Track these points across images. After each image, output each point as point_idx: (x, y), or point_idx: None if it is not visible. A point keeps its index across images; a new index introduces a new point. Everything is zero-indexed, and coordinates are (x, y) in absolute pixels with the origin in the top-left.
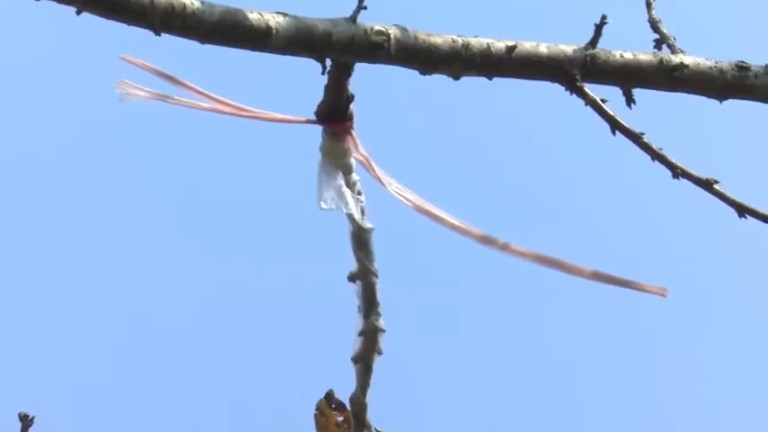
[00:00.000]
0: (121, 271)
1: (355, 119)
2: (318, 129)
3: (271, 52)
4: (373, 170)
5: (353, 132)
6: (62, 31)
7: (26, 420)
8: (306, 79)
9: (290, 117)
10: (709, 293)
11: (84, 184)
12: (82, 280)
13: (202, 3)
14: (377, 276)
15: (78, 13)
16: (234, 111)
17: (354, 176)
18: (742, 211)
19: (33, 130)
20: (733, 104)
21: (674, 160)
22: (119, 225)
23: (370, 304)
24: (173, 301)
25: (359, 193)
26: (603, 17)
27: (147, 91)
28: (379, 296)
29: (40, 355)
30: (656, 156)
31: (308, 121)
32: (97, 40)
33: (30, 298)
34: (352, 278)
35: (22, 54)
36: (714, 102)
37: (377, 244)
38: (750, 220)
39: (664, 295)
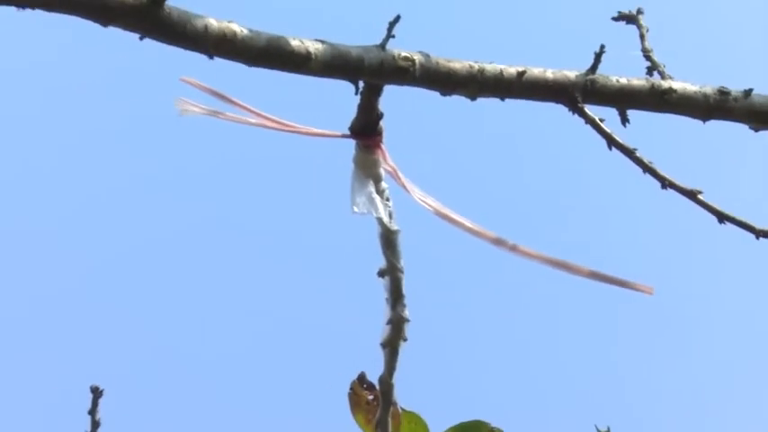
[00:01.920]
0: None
1: (384, 134)
2: (352, 142)
3: (310, 75)
4: (400, 179)
5: (382, 146)
6: (126, 53)
7: (96, 392)
8: (340, 99)
9: (328, 132)
10: (693, 292)
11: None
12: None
13: (250, 30)
14: (402, 272)
15: (141, 38)
16: (277, 125)
17: (383, 184)
18: (722, 218)
19: (106, 140)
20: (715, 124)
21: (662, 173)
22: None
23: (396, 297)
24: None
25: (387, 199)
26: (602, 47)
27: (201, 107)
28: (404, 290)
29: (110, 331)
30: (647, 169)
31: (343, 136)
32: (157, 62)
33: (104, 282)
34: (380, 274)
35: (91, 72)
36: (698, 121)
37: (402, 244)
38: (729, 225)
39: (650, 293)
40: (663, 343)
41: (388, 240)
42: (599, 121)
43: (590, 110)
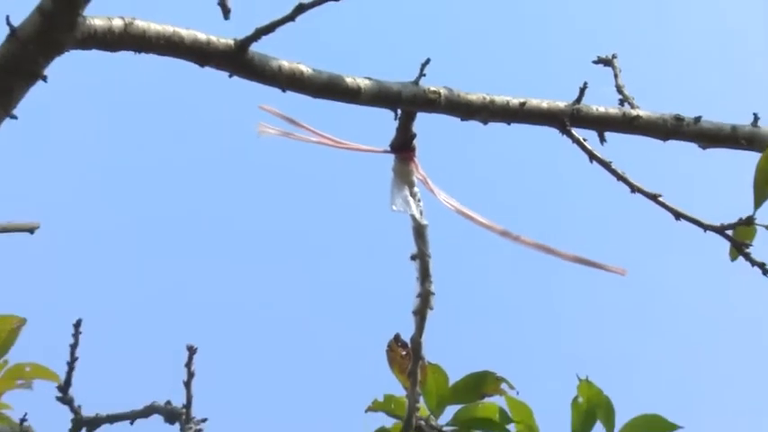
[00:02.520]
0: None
1: (417, 150)
2: (391, 156)
3: (360, 104)
4: (428, 185)
5: (415, 159)
6: (213, 86)
7: (192, 350)
8: (384, 123)
9: (374, 148)
10: (654, 274)
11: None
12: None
13: (314, 69)
14: (430, 257)
15: (230, 76)
16: (334, 143)
17: (416, 189)
18: (677, 216)
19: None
20: (673, 143)
21: (632, 180)
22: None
23: (424, 275)
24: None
25: (419, 200)
26: (585, 83)
27: (276, 129)
28: (431, 270)
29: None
30: (620, 177)
31: (385, 151)
32: (237, 93)
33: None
34: (413, 258)
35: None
36: (660, 141)
37: (430, 235)
38: (683, 222)
39: (623, 274)
40: (635, 311)
41: (419, 232)
42: (582, 141)
43: (576, 132)
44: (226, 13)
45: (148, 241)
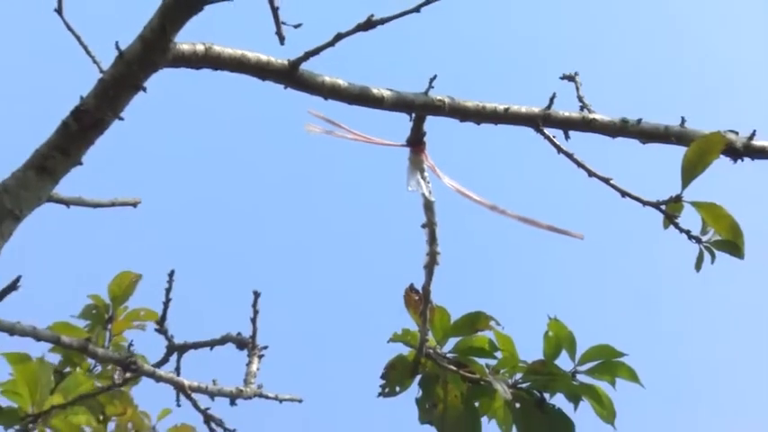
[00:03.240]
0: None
1: (427, 144)
2: (407, 149)
3: (383, 109)
4: (435, 171)
5: (426, 151)
6: (268, 97)
7: (256, 294)
8: (401, 123)
9: (394, 143)
10: (605, 243)
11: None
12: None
13: (349, 83)
14: (436, 225)
15: (285, 88)
16: (365, 139)
17: (426, 174)
18: (624, 194)
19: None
20: (620, 140)
21: (590, 167)
22: None
23: (432, 239)
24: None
25: (428, 182)
26: (554, 94)
27: (320, 128)
28: (437, 235)
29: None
30: (581, 166)
31: (402, 145)
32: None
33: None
34: (423, 226)
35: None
36: (610, 138)
37: (436, 208)
38: (628, 200)
39: (581, 238)
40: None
41: (428, 206)
42: (552, 137)
43: (546, 131)
44: (281, 39)
45: (224, 212)
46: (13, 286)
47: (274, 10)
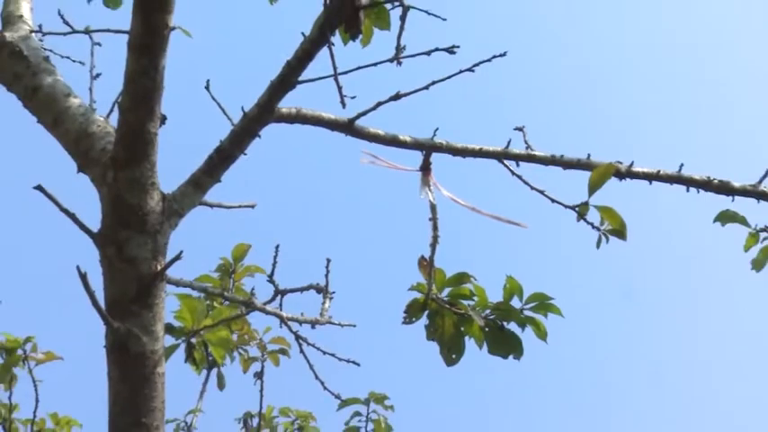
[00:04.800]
0: None
1: (432, 168)
2: (419, 172)
3: (406, 149)
4: (437, 186)
5: (431, 173)
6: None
7: (329, 261)
8: (415, 157)
9: (413, 168)
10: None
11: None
12: None
13: (385, 132)
14: (437, 219)
15: (346, 135)
16: (395, 167)
17: (431, 186)
18: (552, 201)
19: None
20: (551, 168)
21: (531, 183)
22: None
23: (435, 227)
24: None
25: (432, 193)
26: (510, 140)
27: (369, 160)
28: (438, 225)
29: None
30: (525, 183)
31: (417, 170)
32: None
33: None
34: (429, 219)
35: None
36: (543, 166)
37: (438, 210)
38: (556, 205)
39: (525, 227)
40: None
41: (432, 208)
42: (508, 166)
43: (506, 162)
44: (343, 105)
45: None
46: (177, 257)
47: (339, 89)
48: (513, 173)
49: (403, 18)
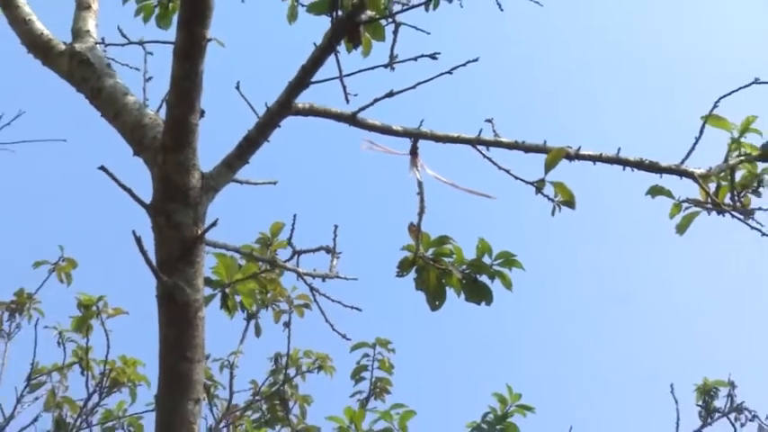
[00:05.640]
0: None
1: (419, 152)
2: (409, 155)
3: (399, 137)
4: (424, 166)
5: (419, 156)
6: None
7: (336, 227)
8: (405, 143)
9: (403, 152)
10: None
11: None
12: None
13: (382, 122)
14: (424, 193)
15: (350, 126)
16: (388, 150)
17: (419, 167)
18: (516, 178)
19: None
20: (517, 152)
21: (499, 164)
22: None
23: (422, 200)
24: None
25: (419, 172)
26: (481, 129)
27: (368, 147)
28: (425, 198)
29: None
30: (494, 163)
31: (407, 153)
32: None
33: None
34: (417, 194)
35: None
36: (507, 150)
37: (425, 186)
38: (518, 181)
39: (493, 198)
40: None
41: (419, 184)
42: (480, 150)
43: (481, 149)
44: (347, 100)
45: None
46: (213, 223)
47: (344, 88)
48: (484, 156)
49: (395, 32)
